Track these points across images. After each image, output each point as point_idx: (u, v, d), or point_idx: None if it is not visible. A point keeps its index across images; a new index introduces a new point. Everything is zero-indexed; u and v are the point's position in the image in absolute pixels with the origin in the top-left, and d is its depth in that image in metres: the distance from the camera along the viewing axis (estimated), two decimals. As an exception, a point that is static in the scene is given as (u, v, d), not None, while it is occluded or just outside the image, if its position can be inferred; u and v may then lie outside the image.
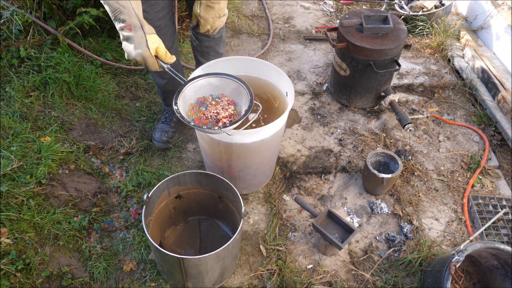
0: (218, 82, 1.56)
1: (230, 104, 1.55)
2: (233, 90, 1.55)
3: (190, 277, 1.50)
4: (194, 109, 1.53)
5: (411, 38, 2.98)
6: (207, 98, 1.56)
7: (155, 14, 1.68)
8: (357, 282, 1.71)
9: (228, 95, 1.57)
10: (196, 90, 1.55)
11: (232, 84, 1.53)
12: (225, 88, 1.56)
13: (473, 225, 1.92)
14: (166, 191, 1.63)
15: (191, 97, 1.55)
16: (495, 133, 2.33)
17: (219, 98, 1.56)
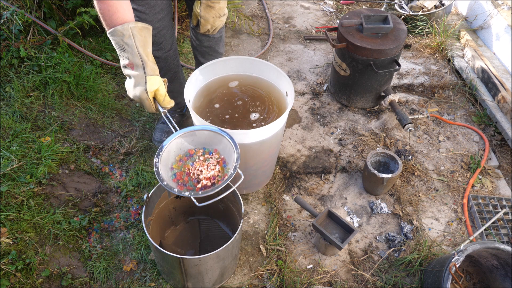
0: (213, 136, 1.47)
1: (219, 163, 1.43)
2: (226, 148, 1.45)
3: (190, 277, 1.50)
4: (182, 161, 1.43)
5: (411, 38, 2.98)
6: (198, 152, 1.46)
7: (155, 15, 1.67)
8: (357, 282, 1.71)
9: (221, 152, 1.46)
10: (188, 140, 1.47)
11: (227, 143, 1.43)
12: (218, 143, 1.46)
13: (473, 225, 1.92)
14: (166, 191, 1.63)
15: (181, 148, 1.45)
16: (495, 133, 2.33)
17: (211, 153, 1.45)
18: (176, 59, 1.93)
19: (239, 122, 1.75)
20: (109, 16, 1.26)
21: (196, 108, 1.77)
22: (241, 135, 1.59)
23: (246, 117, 1.76)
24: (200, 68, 1.77)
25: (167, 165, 1.41)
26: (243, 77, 1.89)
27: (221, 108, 1.79)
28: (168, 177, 1.37)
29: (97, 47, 2.54)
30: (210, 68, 1.82)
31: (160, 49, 1.78)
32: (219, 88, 1.86)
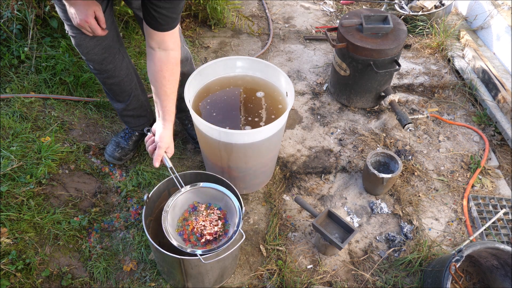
0: (217, 194, 1.55)
1: (221, 218, 1.53)
2: (228, 205, 1.54)
3: (190, 277, 1.50)
4: (186, 217, 1.53)
5: (411, 38, 2.98)
6: (201, 206, 1.55)
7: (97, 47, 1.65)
8: (357, 282, 1.71)
9: (223, 208, 1.55)
10: (191, 196, 1.56)
11: (229, 201, 1.52)
12: (221, 200, 1.55)
13: (473, 225, 1.92)
14: (166, 191, 1.62)
15: (187, 201, 1.55)
16: (495, 133, 2.33)
17: (216, 207, 1.56)
18: (131, 80, 1.86)
19: (239, 122, 1.75)
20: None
21: (196, 109, 1.77)
22: (241, 135, 1.59)
23: (246, 117, 1.76)
24: (200, 68, 1.77)
25: (174, 219, 1.51)
26: (243, 77, 1.89)
27: (221, 108, 1.79)
28: (173, 230, 1.48)
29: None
30: (210, 68, 1.82)
31: (111, 77, 1.76)
32: (219, 89, 1.86)
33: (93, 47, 1.63)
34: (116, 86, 1.82)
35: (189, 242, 1.46)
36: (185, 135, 2.22)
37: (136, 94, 1.92)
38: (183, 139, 2.22)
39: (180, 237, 1.46)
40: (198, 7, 2.93)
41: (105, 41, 1.65)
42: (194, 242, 1.46)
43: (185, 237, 1.47)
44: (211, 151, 1.76)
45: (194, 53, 2.79)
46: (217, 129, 1.53)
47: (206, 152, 1.83)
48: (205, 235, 1.46)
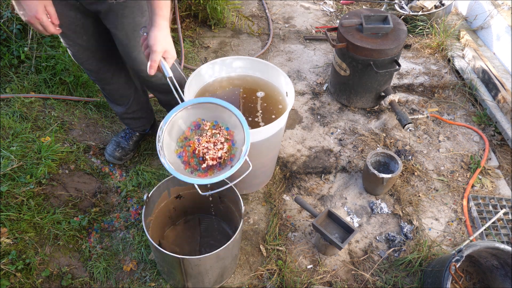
0: (222, 112, 1.34)
1: (228, 139, 1.33)
2: (236, 126, 1.33)
3: (190, 277, 1.50)
4: (187, 136, 1.34)
5: (411, 38, 2.98)
6: (206, 124, 1.34)
7: (82, 54, 1.62)
8: (357, 282, 1.71)
9: (231, 128, 1.35)
10: (195, 112, 1.34)
11: (238, 122, 1.32)
12: (228, 119, 1.35)
13: (473, 225, 1.92)
14: (166, 191, 1.63)
15: (187, 122, 1.34)
16: (495, 133, 2.33)
17: (224, 126, 1.35)
18: (130, 86, 1.84)
19: (239, 122, 1.74)
20: None
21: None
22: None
23: (246, 117, 1.76)
24: (200, 68, 1.77)
25: (172, 139, 1.30)
26: (243, 77, 1.89)
27: (221, 108, 1.78)
28: (171, 152, 1.28)
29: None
30: (210, 68, 1.82)
31: (109, 83, 1.75)
32: (219, 88, 1.86)
33: (87, 59, 1.63)
34: (115, 91, 1.83)
35: (189, 165, 1.29)
36: None
37: (137, 97, 1.92)
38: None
39: (180, 159, 1.30)
40: (198, 7, 2.93)
41: (98, 54, 1.64)
42: (195, 166, 1.29)
43: (185, 160, 1.30)
44: (211, 151, 1.76)
45: (194, 53, 2.79)
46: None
47: (206, 152, 1.83)
48: (207, 160, 1.28)
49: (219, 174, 1.26)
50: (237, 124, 1.32)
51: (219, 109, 1.34)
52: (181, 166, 1.28)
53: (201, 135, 1.32)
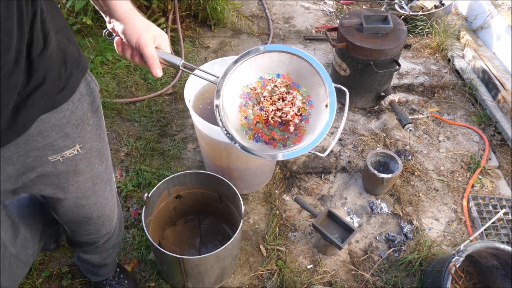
0: (268, 61, 1.11)
1: (290, 88, 1.11)
2: (290, 66, 1.11)
3: (190, 277, 1.50)
4: (243, 109, 1.11)
5: (411, 38, 2.98)
6: (258, 85, 1.10)
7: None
8: (357, 282, 1.71)
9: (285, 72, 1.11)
10: (240, 78, 1.11)
11: (288, 59, 1.09)
12: (277, 66, 1.12)
13: (473, 225, 1.92)
14: (166, 191, 1.63)
15: (235, 91, 1.10)
16: (495, 133, 2.34)
17: (278, 76, 1.12)
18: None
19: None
20: None
21: (196, 109, 1.77)
22: (241, 135, 1.58)
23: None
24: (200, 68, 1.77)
25: (231, 109, 1.07)
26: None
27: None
28: (234, 117, 1.06)
29: (97, 47, 2.54)
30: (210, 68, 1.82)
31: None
32: (219, 88, 1.85)
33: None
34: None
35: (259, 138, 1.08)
36: None
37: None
38: (184, 138, 2.22)
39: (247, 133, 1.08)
40: (198, 7, 2.93)
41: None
42: (266, 137, 1.07)
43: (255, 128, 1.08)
44: (211, 151, 1.76)
45: (194, 53, 2.79)
46: (218, 129, 1.53)
47: (206, 152, 1.83)
48: (291, 121, 1.08)
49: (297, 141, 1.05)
50: (295, 64, 1.09)
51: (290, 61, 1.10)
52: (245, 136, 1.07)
53: (260, 103, 1.09)
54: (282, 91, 1.10)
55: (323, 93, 1.06)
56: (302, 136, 1.07)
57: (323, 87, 1.06)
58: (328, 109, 1.03)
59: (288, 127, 1.07)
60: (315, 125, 1.05)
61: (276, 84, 1.11)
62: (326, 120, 1.03)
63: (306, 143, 1.02)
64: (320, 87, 1.07)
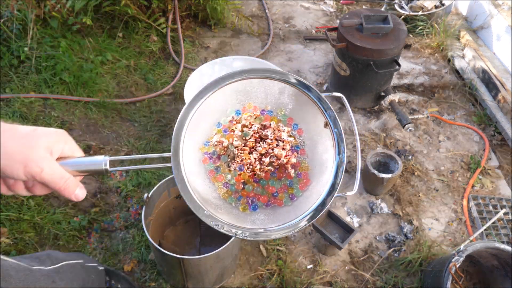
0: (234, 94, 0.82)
1: (262, 120, 0.82)
2: (308, 128, 0.83)
3: (190, 277, 1.50)
4: (212, 159, 0.80)
5: (411, 38, 2.98)
6: (221, 136, 0.81)
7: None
8: (357, 282, 1.71)
9: (259, 105, 0.83)
10: (234, 99, 0.82)
11: (268, 86, 0.81)
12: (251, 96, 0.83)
13: (473, 225, 1.92)
14: (166, 191, 1.62)
15: (195, 157, 0.80)
16: (495, 133, 2.33)
17: (238, 113, 0.83)
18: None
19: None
20: None
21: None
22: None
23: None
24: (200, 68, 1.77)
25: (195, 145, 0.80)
26: (243, 77, 1.89)
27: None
28: (199, 173, 0.78)
29: (97, 47, 2.54)
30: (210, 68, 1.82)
31: None
32: (219, 88, 1.85)
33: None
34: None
35: (247, 200, 0.79)
36: None
37: None
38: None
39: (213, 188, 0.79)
40: (198, 7, 2.93)
41: None
42: (257, 196, 0.79)
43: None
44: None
45: (194, 53, 2.79)
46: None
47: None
48: (287, 166, 0.79)
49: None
50: (310, 124, 0.81)
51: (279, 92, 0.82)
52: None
53: (231, 156, 0.80)
54: (255, 129, 0.80)
55: (311, 108, 0.79)
56: (308, 175, 0.80)
57: (308, 101, 0.79)
58: (329, 127, 0.78)
59: (284, 171, 0.80)
60: (317, 151, 0.80)
61: (244, 123, 0.81)
62: (330, 143, 0.77)
63: (323, 184, 0.76)
64: (304, 102, 0.80)
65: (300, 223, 0.73)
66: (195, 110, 0.79)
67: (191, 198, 0.71)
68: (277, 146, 0.79)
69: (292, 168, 0.80)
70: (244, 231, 0.71)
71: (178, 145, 0.73)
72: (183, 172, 0.72)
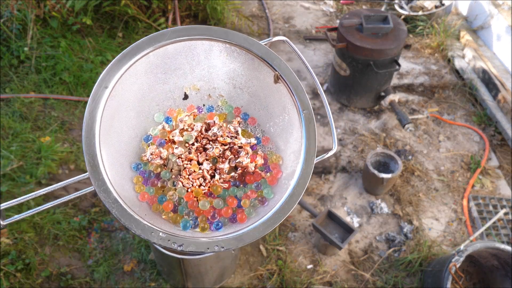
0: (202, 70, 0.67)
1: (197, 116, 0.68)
2: (270, 107, 0.68)
3: (190, 277, 1.50)
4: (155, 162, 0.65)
5: (411, 38, 2.98)
6: (153, 149, 0.65)
7: None
8: (357, 282, 1.71)
9: (257, 117, 0.69)
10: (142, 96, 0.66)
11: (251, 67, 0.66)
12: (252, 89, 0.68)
13: (473, 225, 1.92)
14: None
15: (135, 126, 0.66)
16: (495, 133, 2.33)
17: (168, 120, 0.68)
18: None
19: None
20: None
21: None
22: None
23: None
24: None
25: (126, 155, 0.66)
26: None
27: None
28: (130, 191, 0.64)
29: (96, 47, 2.54)
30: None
31: None
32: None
33: None
34: None
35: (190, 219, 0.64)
36: None
37: None
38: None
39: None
40: (198, 7, 2.93)
41: None
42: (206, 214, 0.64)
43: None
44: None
45: (194, 53, 2.79)
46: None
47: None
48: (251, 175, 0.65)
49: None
50: (275, 101, 0.67)
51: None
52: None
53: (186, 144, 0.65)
54: (198, 129, 0.65)
55: (253, 69, 0.64)
56: (279, 166, 0.67)
57: (246, 59, 0.63)
58: (281, 80, 0.64)
59: (248, 174, 0.66)
60: (281, 124, 0.67)
61: (182, 127, 0.66)
62: (290, 102, 0.63)
63: (295, 158, 0.63)
64: (242, 62, 0.64)
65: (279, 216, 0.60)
66: (101, 110, 0.60)
67: (140, 224, 0.57)
68: (239, 155, 0.65)
69: (256, 167, 0.67)
70: (219, 244, 0.57)
71: (96, 161, 0.60)
72: (116, 196, 0.58)
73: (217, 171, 0.64)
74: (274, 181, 0.66)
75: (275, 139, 0.69)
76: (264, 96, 0.68)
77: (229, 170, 0.65)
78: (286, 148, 0.67)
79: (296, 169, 0.63)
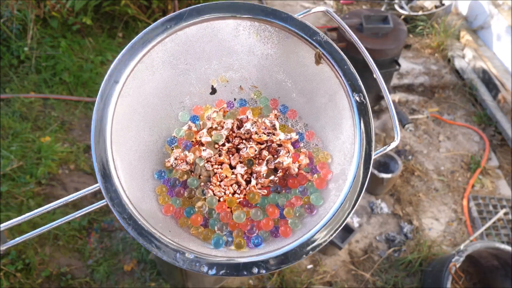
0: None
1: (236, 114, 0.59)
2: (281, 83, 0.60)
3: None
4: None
5: (411, 38, 2.98)
6: (181, 154, 0.57)
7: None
8: (357, 282, 1.71)
9: (300, 112, 0.61)
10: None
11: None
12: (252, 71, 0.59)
13: (473, 225, 1.92)
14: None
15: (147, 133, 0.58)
16: (495, 133, 2.33)
17: (195, 119, 0.60)
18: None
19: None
20: None
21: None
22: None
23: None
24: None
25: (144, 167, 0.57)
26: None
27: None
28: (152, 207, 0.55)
29: (96, 47, 2.54)
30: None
31: None
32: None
33: None
34: None
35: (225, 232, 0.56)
36: None
37: None
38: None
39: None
40: (198, 7, 2.93)
41: None
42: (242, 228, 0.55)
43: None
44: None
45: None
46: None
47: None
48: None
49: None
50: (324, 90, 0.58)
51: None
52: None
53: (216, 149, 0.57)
54: (229, 127, 0.57)
55: (290, 50, 0.55)
56: (328, 165, 0.57)
57: (282, 37, 0.55)
58: (324, 59, 0.52)
59: (291, 177, 0.57)
60: (331, 128, 0.57)
61: (210, 126, 0.58)
62: (337, 84, 0.54)
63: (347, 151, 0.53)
64: (278, 42, 0.56)
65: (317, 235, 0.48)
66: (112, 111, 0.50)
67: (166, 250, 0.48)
68: (278, 154, 0.55)
69: (302, 167, 0.56)
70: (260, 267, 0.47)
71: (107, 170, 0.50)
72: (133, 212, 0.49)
73: (254, 175, 0.55)
74: (323, 184, 0.55)
75: (320, 133, 0.58)
76: (305, 82, 0.58)
77: (268, 173, 0.55)
78: (335, 143, 0.57)
79: (350, 168, 0.54)
